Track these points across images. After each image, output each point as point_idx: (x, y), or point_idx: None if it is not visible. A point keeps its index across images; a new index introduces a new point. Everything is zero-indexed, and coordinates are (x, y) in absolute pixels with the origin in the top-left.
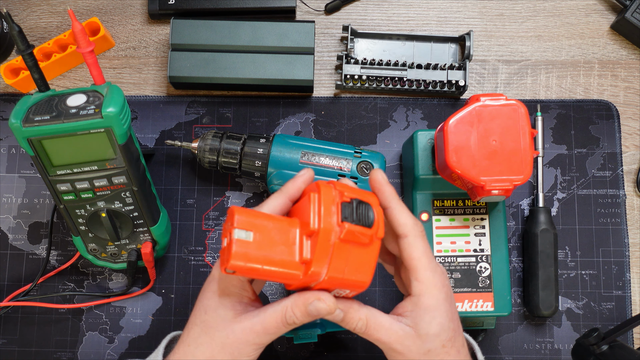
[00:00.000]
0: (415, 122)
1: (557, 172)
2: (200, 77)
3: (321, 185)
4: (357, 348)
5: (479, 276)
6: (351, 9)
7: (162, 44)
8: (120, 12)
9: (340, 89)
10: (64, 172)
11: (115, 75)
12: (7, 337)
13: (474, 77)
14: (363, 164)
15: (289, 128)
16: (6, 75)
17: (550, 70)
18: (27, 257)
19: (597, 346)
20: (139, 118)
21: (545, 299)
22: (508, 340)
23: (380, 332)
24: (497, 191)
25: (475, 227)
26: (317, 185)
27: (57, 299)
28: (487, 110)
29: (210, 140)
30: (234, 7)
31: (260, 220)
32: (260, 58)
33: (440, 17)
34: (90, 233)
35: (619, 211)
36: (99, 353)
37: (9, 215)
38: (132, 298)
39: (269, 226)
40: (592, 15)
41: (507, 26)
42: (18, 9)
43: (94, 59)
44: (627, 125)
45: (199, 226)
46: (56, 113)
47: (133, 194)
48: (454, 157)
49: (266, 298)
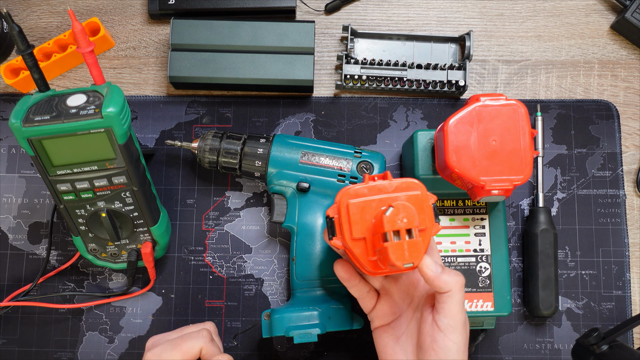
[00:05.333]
0: (415, 122)
1: (557, 172)
2: (200, 77)
3: (422, 188)
4: (357, 348)
5: (479, 276)
6: (351, 9)
7: (162, 44)
8: (120, 12)
9: (340, 89)
10: (64, 172)
11: (115, 75)
12: (7, 337)
13: (474, 77)
14: (363, 164)
15: (289, 128)
16: (6, 75)
17: (550, 70)
18: (27, 257)
19: (597, 346)
20: (139, 118)
21: (545, 299)
22: (508, 340)
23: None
24: (497, 191)
25: (475, 227)
26: (420, 187)
27: (57, 299)
28: (487, 110)
29: (210, 140)
30: (234, 7)
31: None
32: (260, 58)
33: (440, 17)
34: (90, 233)
35: (619, 211)
36: (99, 353)
37: (9, 215)
38: (132, 298)
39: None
40: (592, 15)
41: (507, 26)
42: (18, 9)
43: (94, 59)
44: (627, 125)
45: (199, 226)
46: (56, 113)
47: (133, 194)
48: (454, 157)
49: (266, 297)
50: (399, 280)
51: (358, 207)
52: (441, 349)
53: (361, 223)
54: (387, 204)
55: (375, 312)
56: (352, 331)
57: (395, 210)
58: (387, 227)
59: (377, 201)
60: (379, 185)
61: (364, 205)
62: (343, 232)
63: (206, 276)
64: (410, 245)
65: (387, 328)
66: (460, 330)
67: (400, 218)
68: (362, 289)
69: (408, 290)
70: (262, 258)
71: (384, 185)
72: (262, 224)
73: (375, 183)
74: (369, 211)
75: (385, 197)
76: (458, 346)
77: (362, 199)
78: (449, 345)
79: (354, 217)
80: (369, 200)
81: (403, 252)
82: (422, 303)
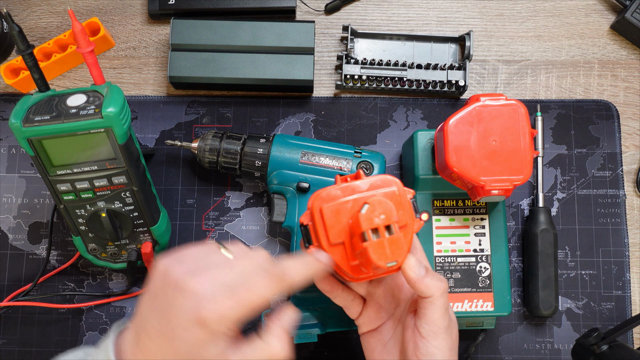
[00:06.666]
0: (415, 122)
1: (557, 172)
2: (200, 77)
3: (397, 183)
4: (357, 348)
5: (479, 276)
6: (351, 9)
7: (162, 44)
8: (120, 12)
9: (340, 89)
10: (64, 172)
11: (115, 75)
12: (7, 337)
13: (474, 77)
14: (363, 164)
15: (289, 128)
16: (6, 75)
17: (550, 70)
18: (27, 257)
19: (597, 346)
20: (139, 118)
21: (545, 299)
22: (508, 340)
23: None
24: (497, 191)
25: (475, 227)
26: (395, 182)
27: (57, 299)
28: (487, 110)
29: (210, 140)
30: (234, 7)
31: None
32: (260, 58)
33: (440, 17)
34: (90, 233)
35: (619, 211)
36: None
37: (9, 215)
38: (132, 298)
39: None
40: (592, 15)
41: (507, 26)
42: (18, 9)
43: (94, 59)
44: (627, 125)
45: (199, 226)
46: (56, 113)
47: (133, 194)
48: (454, 157)
49: None
50: (383, 284)
51: (332, 210)
52: (424, 356)
53: (337, 227)
54: (362, 203)
55: (362, 318)
56: (352, 331)
57: (371, 207)
58: (364, 225)
59: (352, 202)
60: (352, 185)
61: (338, 208)
62: (319, 238)
63: None
64: (392, 242)
65: (375, 333)
66: (443, 336)
67: (377, 214)
68: (346, 297)
69: (393, 293)
70: None
71: (357, 184)
72: (262, 224)
73: (347, 184)
74: (344, 213)
75: (360, 196)
76: (442, 351)
77: (336, 202)
78: (432, 352)
79: (329, 222)
80: (343, 202)
81: (384, 250)
82: (407, 307)
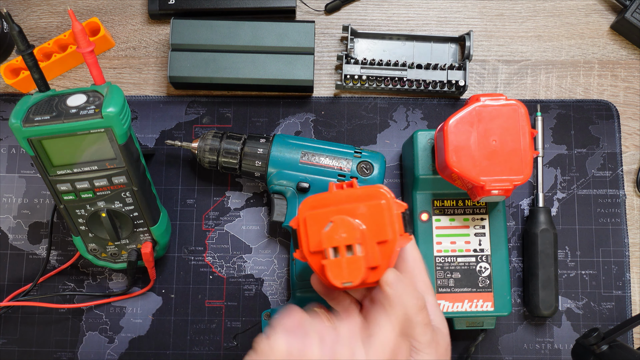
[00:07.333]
0: (415, 122)
1: (557, 172)
2: (200, 77)
3: (387, 194)
4: None
5: (479, 276)
6: (351, 9)
7: (162, 44)
8: (120, 12)
9: (340, 89)
10: (64, 172)
11: (115, 75)
12: (7, 337)
13: (474, 77)
14: (363, 164)
15: (289, 128)
16: (6, 75)
17: (550, 70)
18: (27, 257)
19: (597, 346)
20: (139, 118)
21: (545, 299)
22: (508, 340)
23: None
24: (497, 191)
25: (475, 227)
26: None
27: (57, 299)
28: (487, 110)
29: (210, 140)
30: (234, 7)
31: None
32: (260, 58)
33: (440, 17)
34: (90, 233)
35: (619, 211)
36: (99, 353)
37: (9, 215)
38: (132, 298)
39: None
40: (592, 15)
41: (507, 26)
42: (18, 9)
43: (94, 59)
44: (627, 125)
45: (199, 226)
46: (56, 113)
47: (133, 194)
48: (454, 157)
49: (266, 297)
50: (376, 289)
51: (315, 218)
52: None
53: (318, 236)
54: (346, 214)
55: None
56: None
57: (335, 225)
58: (324, 243)
59: (335, 212)
60: (341, 195)
61: (321, 217)
62: (302, 244)
63: (206, 276)
64: (350, 262)
65: None
66: (427, 350)
67: (339, 234)
68: (342, 301)
69: None
70: (262, 258)
71: (346, 194)
72: (262, 224)
73: (337, 192)
74: (326, 223)
75: (344, 207)
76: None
77: (320, 210)
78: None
79: (311, 230)
80: (326, 211)
81: (341, 270)
82: None
